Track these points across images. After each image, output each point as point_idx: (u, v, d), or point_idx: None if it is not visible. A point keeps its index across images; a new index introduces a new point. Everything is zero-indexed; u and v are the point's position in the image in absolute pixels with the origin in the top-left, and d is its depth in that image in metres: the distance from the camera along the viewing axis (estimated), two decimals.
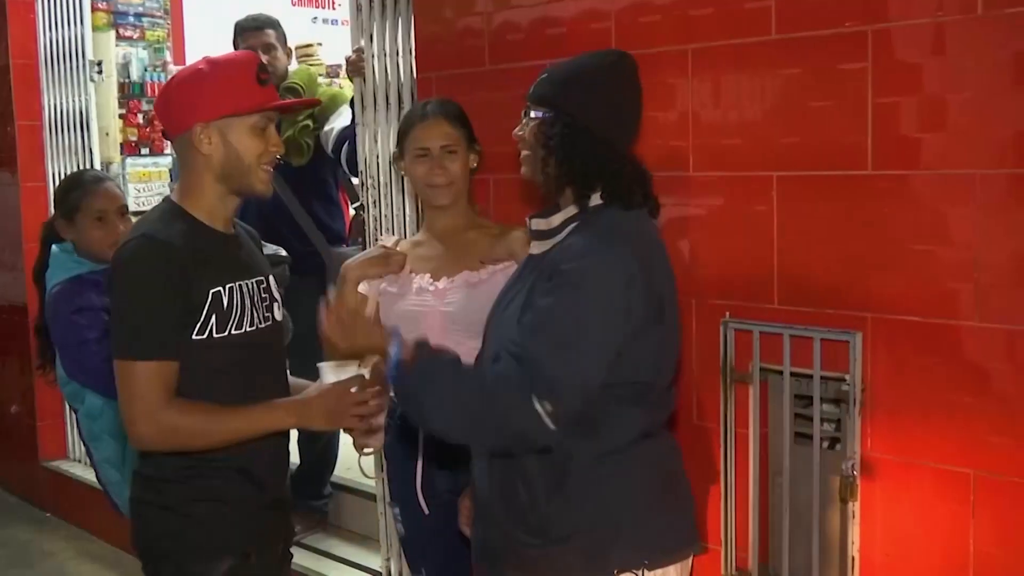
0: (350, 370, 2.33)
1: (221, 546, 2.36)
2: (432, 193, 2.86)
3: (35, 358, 3.32)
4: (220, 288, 2.29)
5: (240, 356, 2.34)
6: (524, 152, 2.34)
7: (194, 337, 2.25)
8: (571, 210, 2.25)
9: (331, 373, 2.34)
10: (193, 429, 2.24)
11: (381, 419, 2.49)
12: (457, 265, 2.82)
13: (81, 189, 3.23)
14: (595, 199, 2.23)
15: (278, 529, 2.52)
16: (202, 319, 2.25)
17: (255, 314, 2.37)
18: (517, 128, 2.34)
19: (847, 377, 2.52)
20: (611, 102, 2.26)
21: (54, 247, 3.26)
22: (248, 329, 2.35)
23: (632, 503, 2.20)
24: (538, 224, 2.30)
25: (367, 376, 2.35)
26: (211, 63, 2.35)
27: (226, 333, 2.29)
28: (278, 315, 2.47)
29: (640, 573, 2.19)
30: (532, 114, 2.30)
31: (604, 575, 2.18)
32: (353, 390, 2.31)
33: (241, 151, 2.32)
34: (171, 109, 2.35)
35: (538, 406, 2.04)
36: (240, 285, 2.34)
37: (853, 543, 2.55)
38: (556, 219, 2.26)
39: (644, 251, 2.19)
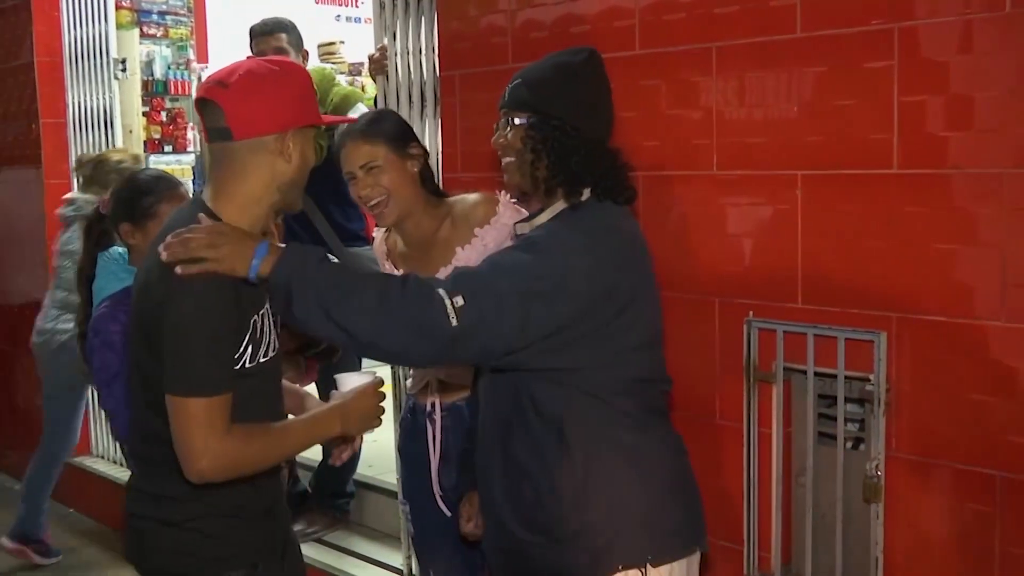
0: (366, 376, 2.34)
1: (232, 559, 2.30)
2: (375, 215, 2.84)
3: (86, 366, 3.03)
4: (257, 316, 2.20)
5: (261, 384, 2.25)
6: (507, 159, 2.33)
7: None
8: (557, 207, 2.27)
9: (350, 380, 2.34)
10: (254, 457, 2.16)
11: None
12: (436, 263, 2.81)
13: (158, 195, 2.91)
14: (585, 194, 2.26)
15: (278, 534, 2.46)
16: (240, 349, 2.15)
17: (272, 341, 2.29)
18: (495, 136, 2.33)
19: (871, 377, 2.51)
20: (590, 99, 2.30)
21: (105, 253, 3.08)
22: (271, 355, 2.27)
23: (634, 501, 2.22)
24: (522, 228, 2.33)
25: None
26: (285, 66, 2.24)
27: (256, 362, 2.20)
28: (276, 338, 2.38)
29: (644, 570, 2.20)
30: (516, 121, 2.29)
31: (608, 572, 2.20)
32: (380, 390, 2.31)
33: (309, 163, 2.27)
34: (250, 110, 2.14)
35: (445, 296, 2.04)
36: (267, 309, 2.25)
37: (877, 544, 2.53)
38: (541, 219, 2.29)
39: (615, 246, 2.21)
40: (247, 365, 2.16)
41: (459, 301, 2.04)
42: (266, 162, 2.18)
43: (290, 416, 2.39)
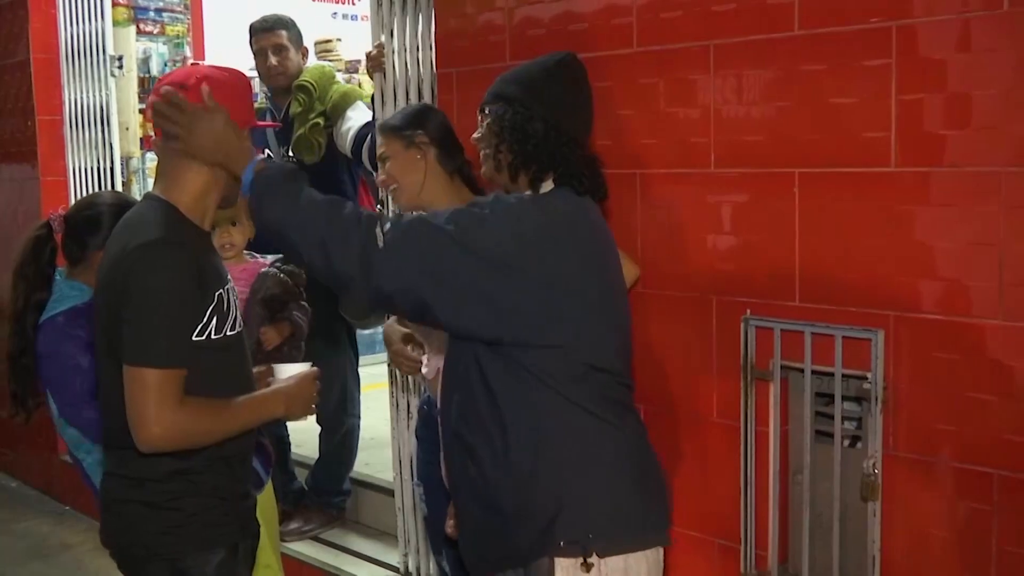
0: (303, 366, 2.55)
1: (215, 539, 2.38)
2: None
3: (8, 405, 2.89)
4: (222, 290, 2.33)
5: (228, 358, 2.36)
6: (482, 152, 2.46)
7: (193, 339, 2.25)
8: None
9: (289, 369, 2.54)
10: (204, 429, 2.27)
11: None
12: None
13: None
14: (547, 185, 2.35)
15: (252, 519, 2.56)
16: (204, 320, 2.26)
17: (237, 316, 2.41)
18: (475, 133, 2.48)
19: (869, 375, 2.50)
20: (558, 94, 2.40)
21: (59, 275, 2.92)
22: (238, 330, 2.39)
23: (577, 483, 2.25)
24: None
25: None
26: (233, 73, 2.43)
27: (222, 335, 2.31)
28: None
29: (587, 550, 2.22)
30: (486, 111, 2.44)
31: (550, 548, 2.24)
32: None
33: (248, 160, 2.41)
34: (231, 106, 2.34)
35: (376, 223, 2.18)
36: (229, 287, 2.39)
37: (874, 542, 2.53)
38: None
39: (568, 229, 2.27)
40: (213, 336, 2.29)
41: (387, 226, 2.18)
42: None
43: None
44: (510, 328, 2.22)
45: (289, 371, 2.52)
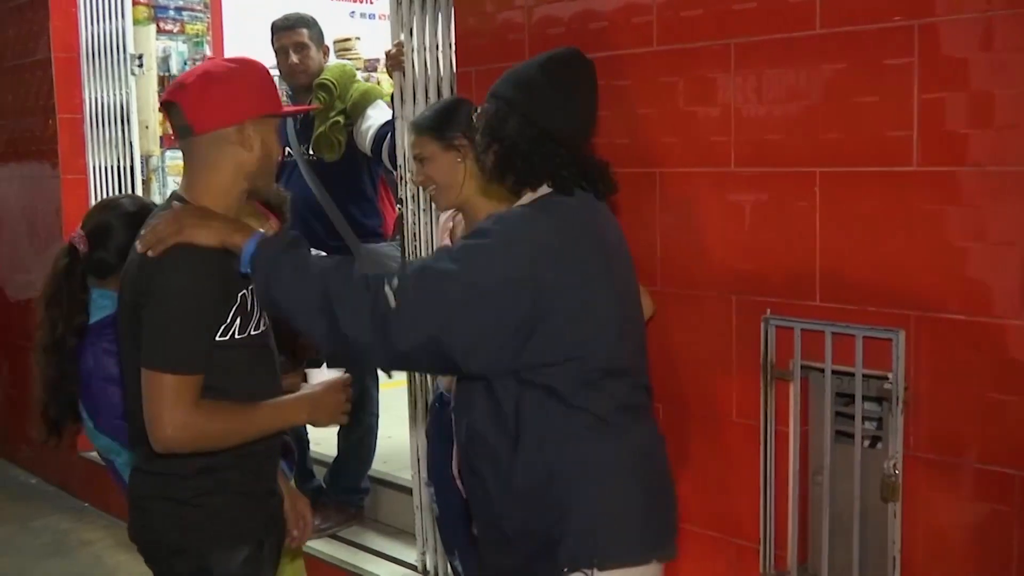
0: (335, 372, 2.50)
1: (240, 536, 2.39)
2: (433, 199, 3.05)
3: (39, 429, 2.81)
4: (245, 291, 2.30)
5: (252, 357, 2.36)
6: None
7: (217, 339, 2.25)
8: (525, 199, 2.32)
9: (321, 374, 2.52)
10: (220, 433, 2.27)
11: None
12: None
13: None
14: (528, 194, 2.30)
15: (280, 517, 2.56)
16: (227, 321, 2.26)
17: (263, 315, 2.39)
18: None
19: (889, 375, 2.49)
20: (544, 90, 2.30)
21: (91, 283, 2.84)
22: (263, 329, 2.38)
23: (584, 505, 2.22)
24: None
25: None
26: (241, 63, 2.38)
27: (245, 334, 2.31)
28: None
29: (591, 573, 2.20)
30: (479, 110, 2.40)
31: (554, 572, 2.22)
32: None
33: (272, 151, 2.38)
34: (207, 105, 2.29)
35: (384, 283, 2.10)
36: (253, 287, 2.36)
37: (894, 543, 2.52)
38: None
39: (562, 240, 2.20)
40: (236, 336, 2.29)
41: (395, 283, 2.10)
42: (229, 153, 2.31)
43: None
44: (521, 354, 2.16)
45: (321, 377, 2.50)
